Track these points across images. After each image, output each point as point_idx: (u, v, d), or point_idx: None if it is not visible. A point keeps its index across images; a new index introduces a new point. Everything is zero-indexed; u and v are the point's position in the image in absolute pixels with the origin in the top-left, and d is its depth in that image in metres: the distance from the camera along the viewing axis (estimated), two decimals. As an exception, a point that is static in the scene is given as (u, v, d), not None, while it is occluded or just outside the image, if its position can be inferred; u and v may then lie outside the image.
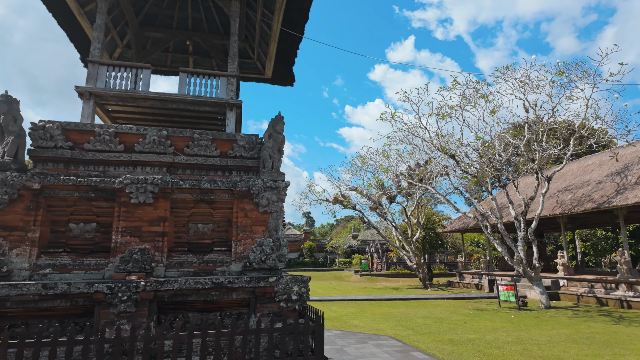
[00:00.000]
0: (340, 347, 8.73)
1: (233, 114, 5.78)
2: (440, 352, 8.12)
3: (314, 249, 49.46)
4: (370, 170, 26.02)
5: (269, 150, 5.03)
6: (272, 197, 4.88)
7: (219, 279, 4.41)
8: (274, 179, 4.96)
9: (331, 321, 12.26)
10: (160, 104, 5.88)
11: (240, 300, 4.56)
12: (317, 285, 27.78)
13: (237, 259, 4.77)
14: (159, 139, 5.12)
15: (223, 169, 5.26)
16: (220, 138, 5.32)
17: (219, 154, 5.24)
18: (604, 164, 19.05)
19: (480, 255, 28.92)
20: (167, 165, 5.14)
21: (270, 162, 5.03)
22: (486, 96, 16.36)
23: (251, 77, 9.14)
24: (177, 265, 4.75)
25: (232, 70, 5.97)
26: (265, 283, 4.43)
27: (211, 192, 4.97)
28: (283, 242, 4.68)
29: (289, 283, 4.39)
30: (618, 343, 8.61)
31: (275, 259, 4.62)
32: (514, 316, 12.66)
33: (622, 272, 14.95)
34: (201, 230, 4.97)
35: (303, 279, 4.43)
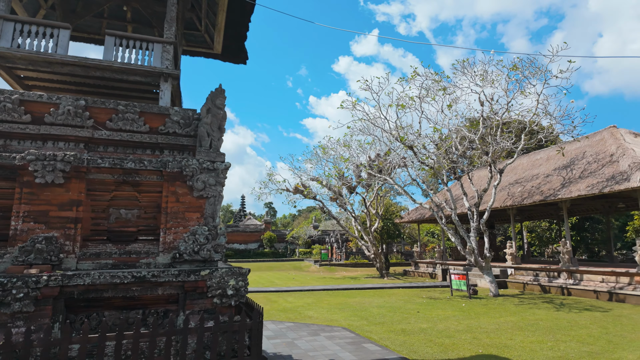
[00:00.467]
0: (292, 340, 8.37)
1: (168, 85, 5.10)
2: (393, 342, 7.98)
3: (275, 240, 48.88)
4: (331, 161, 25.80)
5: (206, 127, 4.44)
6: (209, 180, 4.31)
7: (141, 272, 3.81)
8: (212, 159, 4.39)
9: (285, 312, 11.90)
10: (81, 71, 5.06)
11: (168, 296, 4.00)
12: (276, 275, 27.35)
13: (166, 250, 4.18)
14: (75, 109, 4.37)
15: (153, 147, 4.60)
16: (150, 112, 4.64)
17: (148, 129, 4.57)
18: (551, 158, 20.00)
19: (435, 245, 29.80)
20: (85, 141, 4.40)
21: (208, 141, 4.45)
22: (445, 88, 16.51)
23: (199, 51, 8.36)
24: (93, 256, 4.08)
25: (168, 37, 5.26)
26: (197, 277, 3.89)
27: (136, 172, 4.31)
28: (220, 231, 4.15)
29: (224, 276, 3.88)
30: (560, 329, 8.93)
31: (211, 249, 4.08)
32: (465, 305, 12.95)
33: (564, 261, 15.78)
34: (124, 217, 4.31)
35: (241, 272, 3.94)
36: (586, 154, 17.51)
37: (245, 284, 3.91)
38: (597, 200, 19.96)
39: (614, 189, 13.35)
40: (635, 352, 7.03)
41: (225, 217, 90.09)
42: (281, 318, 11.01)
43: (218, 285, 3.88)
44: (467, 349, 7.34)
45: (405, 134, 16.89)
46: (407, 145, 16.96)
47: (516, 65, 15.65)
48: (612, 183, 13.71)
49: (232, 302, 3.88)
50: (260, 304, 14.14)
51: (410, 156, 20.14)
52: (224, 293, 3.87)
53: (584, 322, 9.77)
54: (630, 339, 7.99)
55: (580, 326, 9.26)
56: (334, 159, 25.29)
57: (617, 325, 9.40)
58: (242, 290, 3.88)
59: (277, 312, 12.01)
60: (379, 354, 7.12)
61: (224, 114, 4.58)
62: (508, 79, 15.90)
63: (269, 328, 9.59)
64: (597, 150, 17.06)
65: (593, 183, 14.64)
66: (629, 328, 9.06)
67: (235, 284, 3.88)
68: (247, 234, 49.86)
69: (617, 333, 8.54)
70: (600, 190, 13.87)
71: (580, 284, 14.83)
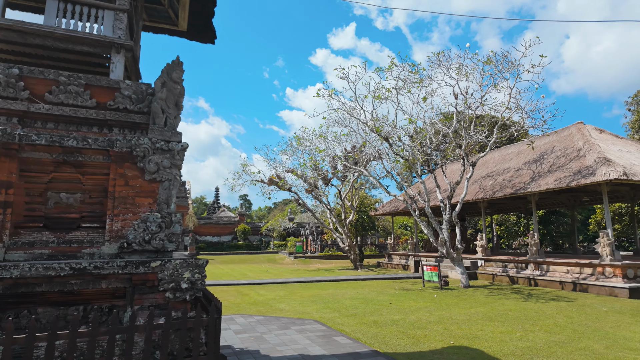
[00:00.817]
0: (260, 334, 8.04)
1: (121, 58, 4.58)
2: (364, 335, 7.81)
3: (249, 232, 48.19)
4: (307, 152, 25.44)
5: (161, 102, 3.98)
6: (164, 161, 3.88)
7: (81, 263, 3.36)
8: (167, 138, 3.95)
9: (256, 306, 11.55)
10: (18, 37, 4.46)
11: (113, 290, 3.57)
12: (249, 268, 26.88)
13: (113, 239, 3.73)
14: (7, 79, 3.81)
15: (100, 125, 4.10)
16: (97, 85, 4.12)
17: (94, 104, 4.06)
18: (522, 153, 20.44)
19: (408, 238, 30.15)
20: (19, 115, 3.85)
21: (162, 118, 4.00)
22: (421, 80, 16.46)
23: (162, 27, 7.75)
24: (26, 245, 3.58)
25: (121, 4, 4.72)
26: (146, 268, 3.48)
27: (79, 151, 3.81)
28: (176, 218, 3.73)
29: (178, 268, 3.49)
30: (528, 320, 9.04)
31: (164, 238, 3.67)
32: (437, 296, 13.02)
33: (532, 252, 16.18)
34: (65, 202, 3.82)
35: (197, 263, 3.56)
36: (555, 148, 17.96)
37: (202, 276, 3.53)
38: (563, 194, 20.62)
39: (581, 182, 13.71)
40: (600, 341, 7.14)
41: (199, 209, 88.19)
42: (251, 311, 10.67)
43: (171, 278, 3.48)
44: (439, 341, 7.26)
45: (381, 125, 16.75)
46: (382, 136, 16.83)
47: (490, 59, 15.76)
48: (579, 177, 14.08)
49: (187, 297, 3.50)
50: (231, 297, 13.72)
51: (385, 148, 20.10)
52: (177, 286, 3.48)
53: (551, 312, 9.96)
54: (595, 328, 8.16)
55: (547, 316, 9.42)
56: (309, 150, 24.94)
57: (581, 314, 9.63)
58: (198, 284, 3.50)
59: (248, 305, 11.65)
60: (350, 347, 6.91)
61: (182, 89, 4.13)
62: (482, 73, 16.02)
63: (237, 322, 9.23)
64: (565, 145, 17.52)
65: (561, 177, 15.00)
66: (593, 317, 9.29)
67: (191, 277, 3.49)
68: (220, 226, 48.90)
69: (582, 322, 8.72)
70: (567, 184, 14.22)
71: (547, 275, 15.26)
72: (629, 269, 12.84)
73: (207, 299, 4.26)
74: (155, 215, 3.71)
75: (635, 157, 15.35)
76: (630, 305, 10.99)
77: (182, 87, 4.17)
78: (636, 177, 12.91)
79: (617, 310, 10.22)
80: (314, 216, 27.47)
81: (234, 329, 8.49)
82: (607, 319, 9.05)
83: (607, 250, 13.24)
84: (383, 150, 20.44)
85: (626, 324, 8.55)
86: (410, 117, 16.97)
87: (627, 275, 12.70)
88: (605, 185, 13.87)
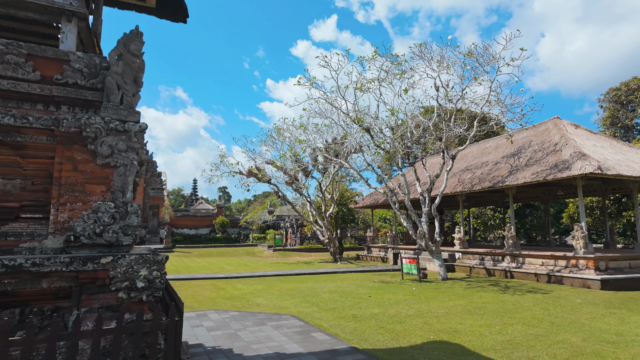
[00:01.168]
0: (235, 331, 7.67)
1: (73, 27, 4.05)
2: (343, 330, 7.56)
3: (227, 225, 47.35)
4: (287, 143, 24.95)
5: (116, 77, 3.50)
6: (119, 144, 3.42)
7: (16, 259, 2.90)
8: (123, 118, 3.48)
9: (232, 300, 11.15)
10: (-50, -1, 3.86)
11: (56, 290, 3.12)
12: (227, 261, 26.32)
13: (58, 231, 3.26)
14: None
15: (46, 102, 3.59)
16: (42, 55, 3.60)
17: (38, 78, 3.54)
18: (500, 147, 20.65)
19: (387, 230, 30.25)
20: (-54, 88, 3.31)
21: (118, 95, 3.52)
22: (403, 72, 16.25)
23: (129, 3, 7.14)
24: (-48, 239, 3.09)
25: (73, -34, 4.18)
26: (95, 265, 3.04)
27: (18, 131, 3.31)
28: (132, 208, 3.29)
29: (133, 265, 3.07)
30: (506, 312, 9.02)
31: (118, 231, 3.24)
32: (416, 288, 12.96)
33: (508, 245, 16.38)
34: (2, 188, 3.32)
35: (156, 259, 3.15)
36: (532, 143, 18.18)
37: (161, 274, 3.12)
38: (539, 188, 21.00)
39: (557, 176, 13.88)
40: (577, 334, 7.14)
41: (177, 201, 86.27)
42: (227, 307, 10.26)
43: (125, 276, 3.06)
44: (419, 335, 7.09)
45: (363, 116, 16.49)
46: (364, 127, 16.58)
47: (471, 52, 15.69)
48: (555, 171, 14.25)
49: (144, 297, 3.09)
50: (207, 291, 13.24)
51: (366, 140, 19.90)
52: (132, 285, 3.06)
53: (528, 304, 10.02)
54: (571, 320, 8.20)
55: (525, 308, 9.45)
56: (289, 141, 24.47)
57: (557, 306, 9.71)
58: (157, 282, 3.09)
59: (224, 300, 11.23)
60: (328, 343, 6.64)
61: (141, 64, 3.66)
62: (464, 66, 15.94)
63: (211, 318, 8.81)
64: (542, 139, 17.75)
65: (538, 171, 15.17)
66: (568, 309, 9.37)
67: (148, 275, 3.08)
68: (197, 218, 47.83)
69: (558, 314, 8.77)
70: (544, 178, 14.37)
71: (522, 267, 15.48)
72: (601, 261, 13.13)
73: (171, 298, 3.86)
74: (109, 204, 3.27)
75: (609, 152, 15.69)
76: (602, 296, 11.21)
77: (141, 61, 3.70)
78: (610, 171, 13.15)
79: (590, 301, 10.38)
80: (294, 209, 27.10)
81: (207, 326, 8.08)
82: (582, 311, 9.15)
83: (581, 243, 13.49)
84: (364, 142, 20.24)
85: (600, 316, 8.64)
86: (392, 109, 16.77)
87: (599, 268, 12.99)
88: (581, 179, 14.10)
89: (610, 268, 13.23)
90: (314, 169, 27.67)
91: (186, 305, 10.41)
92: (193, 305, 10.51)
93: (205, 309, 9.86)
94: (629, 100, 36.02)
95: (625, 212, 21.89)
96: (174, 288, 13.88)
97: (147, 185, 36.42)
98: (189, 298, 11.61)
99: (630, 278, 12.82)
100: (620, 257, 13.64)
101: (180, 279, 16.22)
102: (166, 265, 25.10)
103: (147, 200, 36.48)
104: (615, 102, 36.77)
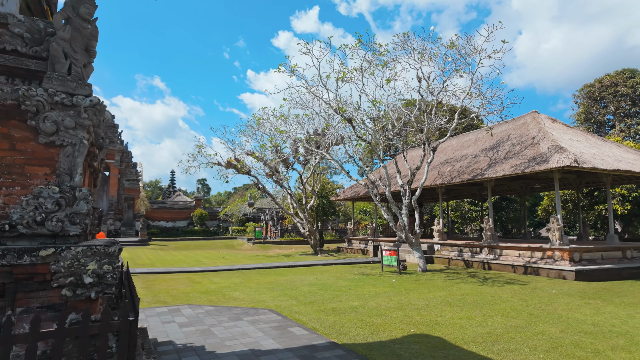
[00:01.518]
0: (208, 327, 7.32)
1: (17, -11, 3.56)
2: (322, 324, 7.33)
3: (206, 217, 46.41)
4: (267, 134, 24.42)
5: (63, 44, 3.06)
6: (66, 120, 2.99)
7: (-63, 252, 2.47)
8: (71, 91, 3.05)
9: (208, 295, 10.75)
10: None
11: (-12, 287, 2.70)
12: (205, 254, 25.72)
13: (-7, 219, 2.83)
14: None
15: (-18, 72, 3.12)
16: (-24, 18, 3.12)
17: (-28, 44, 3.06)
18: (479, 140, 20.81)
19: (368, 223, 30.29)
20: None
21: (65, 64, 3.09)
22: (385, 63, 16.02)
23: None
24: None
25: None
26: (34, 259, 2.64)
27: (-55, 104, 2.84)
28: (81, 193, 2.88)
29: (79, 258, 2.68)
30: (485, 304, 9.00)
31: (64, 219, 2.83)
32: (395, 280, 12.89)
33: (486, 237, 16.55)
34: None
35: (107, 252, 2.76)
36: (511, 136, 18.37)
37: (113, 267, 2.75)
38: (516, 181, 21.35)
39: (535, 169, 14.02)
40: (555, 325, 7.15)
41: (154, 193, 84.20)
42: (202, 301, 9.86)
43: (69, 270, 2.67)
44: (399, 328, 6.93)
45: (345, 106, 16.20)
46: (346, 117, 16.30)
47: (453, 43, 15.59)
48: (533, 164, 14.39)
49: (93, 294, 2.71)
50: (182, 285, 12.77)
51: (348, 133, 19.65)
52: (78, 281, 2.68)
53: (506, 295, 10.06)
54: (549, 311, 8.24)
55: (503, 300, 9.47)
56: (270, 131, 23.95)
57: (534, 297, 9.79)
58: (108, 277, 2.72)
59: (199, 295, 10.81)
60: (306, 339, 6.39)
61: (94, 31, 3.23)
62: (445, 58, 15.84)
63: (184, 314, 8.41)
64: (520, 133, 17.95)
65: (517, 164, 15.31)
66: (545, 300, 9.46)
67: (98, 269, 2.70)
68: (175, 211, 46.67)
69: (536, 306, 8.81)
70: (523, 171, 14.51)
71: (500, 259, 15.68)
72: (575, 252, 13.40)
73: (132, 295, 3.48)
74: (53, 189, 2.85)
75: (584, 146, 15.99)
76: (577, 287, 11.42)
77: (94, 28, 3.26)
78: (586, 164, 13.37)
79: (566, 292, 10.54)
80: (274, 201, 26.67)
81: (179, 322, 7.69)
82: (558, 302, 9.24)
83: (557, 234, 13.72)
84: (346, 134, 19.98)
85: (576, 306, 8.74)
86: (374, 99, 16.55)
87: (573, 259, 13.25)
88: (558, 172, 14.31)
89: (584, 259, 13.53)
90: (295, 160, 27.29)
91: (159, 300, 9.95)
92: (166, 300, 10.06)
93: (178, 304, 9.44)
94: (602, 97, 37.14)
95: (597, 205, 22.56)
96: (148, 282, 13.32)
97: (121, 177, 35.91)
98: (162, 292, 11.13)
99: (602, 269, 13.14)
100: (593, 249, 13.97)
101: (155, 272, 15.65)
102: (141, 259, 24.07)
103: (122, 192, 35.98)
104: (589, 98, 37.84)
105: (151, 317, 8.07)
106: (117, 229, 38.57)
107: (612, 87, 36.88)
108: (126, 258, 21.94)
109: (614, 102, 36.79)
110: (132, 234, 38.79)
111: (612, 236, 15.33)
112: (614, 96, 36.74)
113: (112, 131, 40.36)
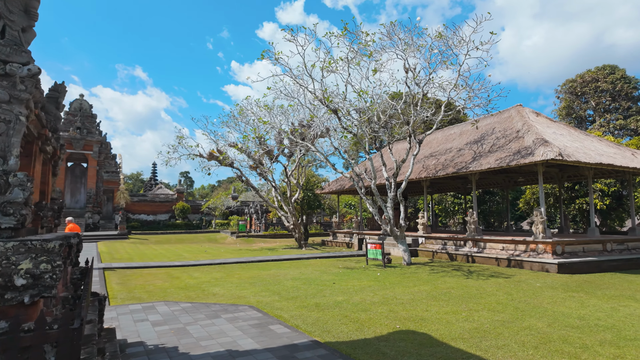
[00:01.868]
0: (184, 325, 6.91)
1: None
2: (304, 321, 7.02)
3: (188, 210, 45.47)
4: (251, 124, 23.81)
5: (-2, 5, 2.60)
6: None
7: None
8: (3, 57, 2.59)
9: (186, 290, 10.30)
10: None
11: None
12: (186, 248, 25.09)
13: None
14: None
15: None
16: None
17: None
18: (464, 133, 20.77)
19: (353, 216, 30.13)
20: None
21: None
22: (371, 53, 15.67)
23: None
24: None
25: None
26: (-46, 256, 2.21)
27: None
28: (15, 179, 2.45)
29: (9, 256, 2.26)
30: (471, 298, 8.86)
31: (-2, 209, 2.40)
32: (380, 274, 12.70)
33: (470, 230, 16.54)
34: None
35: (45, 248, 2.34)
36: (495, 130, 18.35)
37: (53, 267, 2.34)
38: (500, 175, 21.45)
39: (520, 162, 13.99)
40: (541, 319, 7.03)
41: (135, 186, 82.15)
42: (179, 297, 9.42)
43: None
44: (384, 325, 6.69)
45: (331, 96, 15.81)
46: (331, 108, 15.92)
47: (441, 34, 15.35)
48: (518, 157, 14.36)
49: (27, 299, 2.30)
50: (159, 280, 12.26)
51: (333, 125, 19.30)
52: (7, 283, 2.26)
53: (491, 289, 9.97)
54: (534, 305, 8.14)
55: (489, 293, 9.36)
56: (253, 122, 23.35)
57: (519, 291, 9.72)
58: (46, 278, 2.31)
59: (177, 290, 10.36)
60: (287, 337, 6.07)
61: (37, -9, 2.78)
62: (431, 50, 15.59)
63: (159, 311, 7.98)
64: (505, 126, 17.94)
65: (502, 157, 15.27)
66: (530, 293, 9.39)
67: (33, 268, 2.29)
68: (156, 204, 45.56)
69: (521, 299, 8.72)
70: (507, 164, 14.47)
71: (484, 252, 15.69)
72: (558, 245, 13.47)
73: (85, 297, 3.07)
74: (-17, 174, 2.41)
75: (567, 140, 16.07)
76: (560, 280, 11.45)
77: (37, -12, 2.81)
78: (570, 157, 13.40)
79: (549, 285, 10.53)
80: (258, 194, 26.16)
81: (153, 320, 7.26)
82: (543, 295, 9.19)
83: (540, 227, 13.76)
84: (331, 126, 19.62)
85: (561, 300, 8.69)
86: (360, 90, 16.21)
87: (556, 252, 13.31)
88: (542, 165, 14.31)
89: (566, 252, 13.62)
90: (280, 152, 26.80)
91: (133, 297, 9.47)
92: (141, 296, 9.58)
93: (154, 301, 8.98)
94: (583, 92, 37.74)
95: (578, 199, 22.91)
96: (124, 277, 12.74)
97: (100, 168, 34.62)
98: (138, 288, 10.63)
99: (584, 262, 13.25)
100: (575, 242, 14.08)
101: (132, 267, 15.06)
102: (119, 253, 23.14)
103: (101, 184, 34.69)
104: (571, 93, 38.42)
105: (123, 315, 7.61)
106: (96, 222, 37.38)
107: (593, 82, 37.54)
108: (104, 252, 21.16)
109: (594, 98, 37.48)
110: (112, 227, 37.66)
111: (592, 229, 15.51)
112: (595, 92, 37.42)
113: (90, 121, 38.89)
